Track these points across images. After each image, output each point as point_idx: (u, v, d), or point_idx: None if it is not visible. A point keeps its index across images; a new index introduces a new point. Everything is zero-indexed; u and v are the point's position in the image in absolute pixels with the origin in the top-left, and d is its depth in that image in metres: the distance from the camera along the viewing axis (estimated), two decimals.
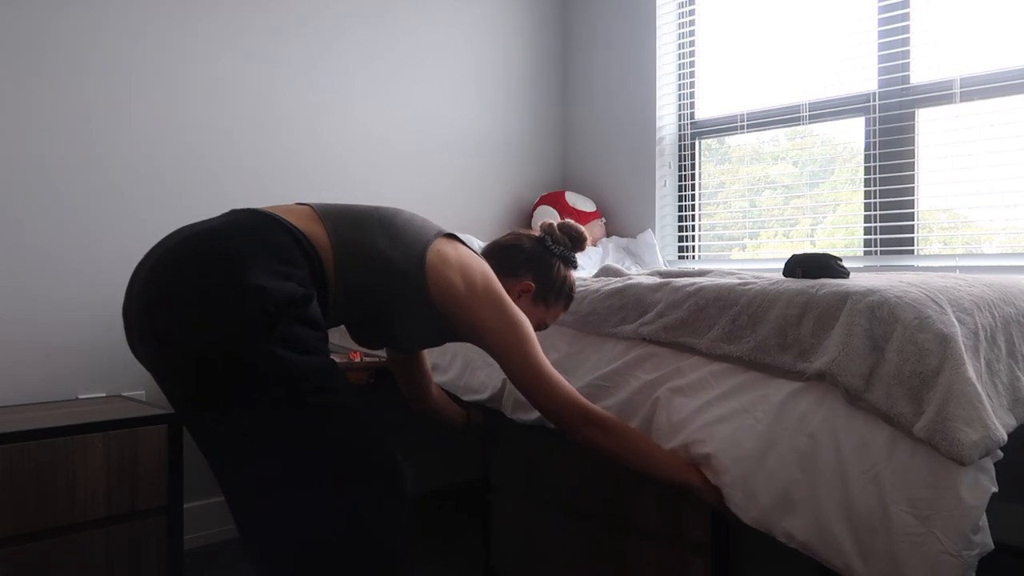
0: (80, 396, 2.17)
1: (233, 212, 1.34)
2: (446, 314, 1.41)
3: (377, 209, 1.43)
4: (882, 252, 2.60)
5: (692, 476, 1.42)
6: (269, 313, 1.17)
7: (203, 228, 1.28)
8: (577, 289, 1.77)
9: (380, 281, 1.36)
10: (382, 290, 1.37)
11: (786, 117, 2.85)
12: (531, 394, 1.42)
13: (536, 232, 1.65)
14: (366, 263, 1.34)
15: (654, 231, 3.15)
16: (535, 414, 1.77)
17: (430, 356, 2.10)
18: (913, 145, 2.54)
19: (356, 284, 1.34)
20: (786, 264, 1.59)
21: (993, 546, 1.13)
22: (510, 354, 1.40)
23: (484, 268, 1.46)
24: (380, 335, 1.53)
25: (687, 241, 3.19)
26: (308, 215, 1.35)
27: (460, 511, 2.60)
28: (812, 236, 2.91)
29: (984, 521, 1.13)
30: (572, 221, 1.68)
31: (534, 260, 1.59)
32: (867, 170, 2.63)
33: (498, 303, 1.41)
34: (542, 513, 1.85)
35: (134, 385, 2.24)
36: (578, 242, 1.65)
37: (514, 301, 1.51)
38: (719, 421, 1.40)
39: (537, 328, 1.59)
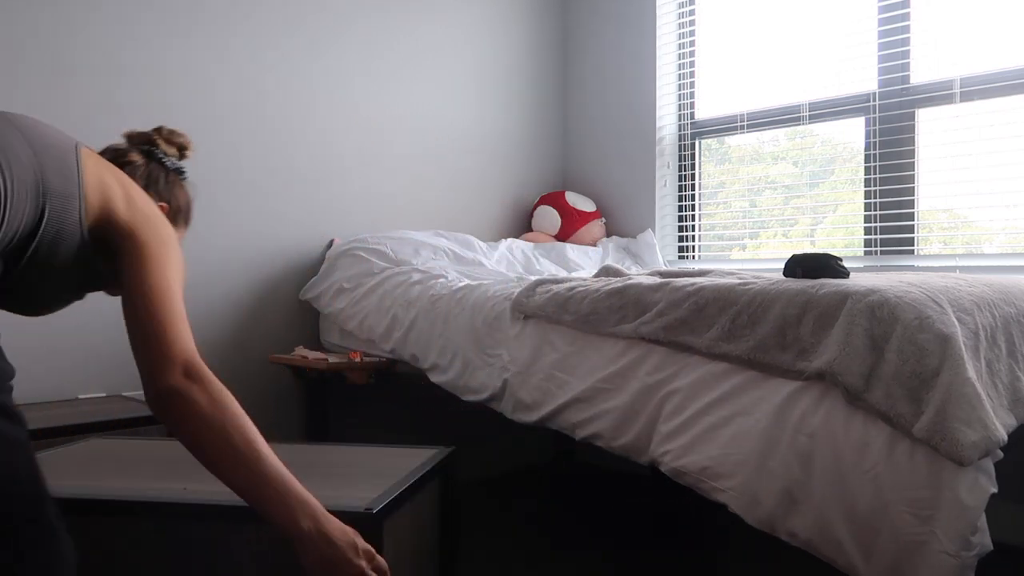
0: (80, 396, 2.16)
1: None
2: (101, 236, 1.10)
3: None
4: (882, 252, 2.60)
5: (301, 519, 1.01)
6: None
7: None
8: (577, 289, 1.77)
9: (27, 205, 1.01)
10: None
11: (786, 117, 2.85)
12: (140, 313, 1.05)
13: (135, 138, 1.36)
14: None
15: (654, 231, 3.14)
16: (536, 415, 1.77)
17: (429, 356, 2.09)
18: (913, 145, 2.53)
19: None
20: (786, 264, 1.59)
21: (992, 547, 1.13)
22: (149, 262, 1.08)
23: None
24: (43, 295, 1.16)
25: (687, 241, 3.19)
26: None
27: None
28: (812, 236, 2.91)
29: (983, 522, 1.13)
30: (170, 127, 1.39)
31: (154, 181, 1.31)
32: (867, 170, 2.63)
33: (153, 217, 1.14)
34: None
35: (134, 385, 2.22)
36: (184, 151, 1.39)
37: None
38: (721, 425, 1.40)
39: None
